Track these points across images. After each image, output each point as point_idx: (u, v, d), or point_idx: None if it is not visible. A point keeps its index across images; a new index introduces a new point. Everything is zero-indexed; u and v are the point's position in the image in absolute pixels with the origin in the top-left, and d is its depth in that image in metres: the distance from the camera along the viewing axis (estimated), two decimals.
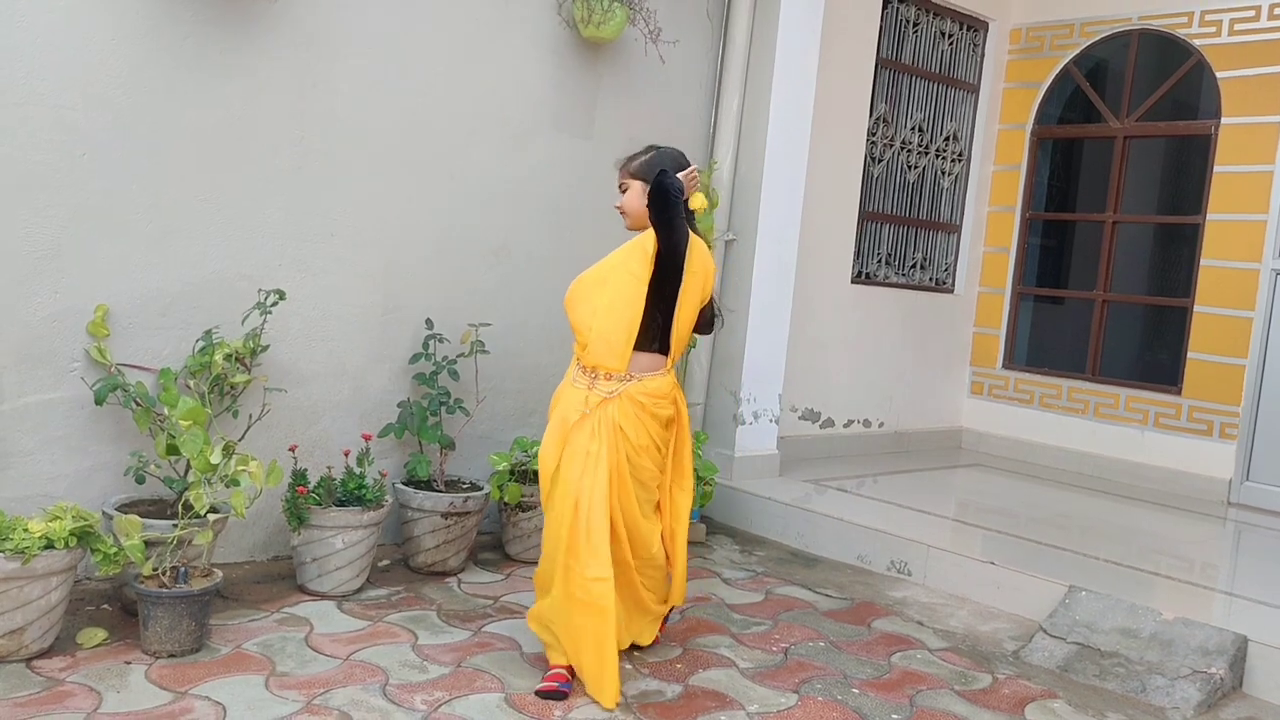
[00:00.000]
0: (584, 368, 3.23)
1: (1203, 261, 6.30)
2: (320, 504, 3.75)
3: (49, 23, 3.40)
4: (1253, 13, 6.12)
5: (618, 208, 3.35)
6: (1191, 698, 3.43)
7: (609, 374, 3.18)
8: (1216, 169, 6.26)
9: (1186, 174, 6.71)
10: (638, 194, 3.26)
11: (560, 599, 3.15)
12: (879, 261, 6.74)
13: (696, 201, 3.27)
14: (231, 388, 3.76)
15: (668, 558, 3.44)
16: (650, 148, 3.36)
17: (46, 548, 2.99)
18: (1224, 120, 6.22)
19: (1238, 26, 6.17)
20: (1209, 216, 6.28)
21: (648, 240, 3.15)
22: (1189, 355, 6.34)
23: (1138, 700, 3.47)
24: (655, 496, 3.36)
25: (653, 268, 3.13)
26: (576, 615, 3.11)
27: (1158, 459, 6.44)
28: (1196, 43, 6.34)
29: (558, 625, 3.18)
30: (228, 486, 3.29)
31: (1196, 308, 6.32)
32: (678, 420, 3.38)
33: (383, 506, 3.87)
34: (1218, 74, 6.25)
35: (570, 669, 3.16)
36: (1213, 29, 6.28)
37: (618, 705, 3.05)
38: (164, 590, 3.13)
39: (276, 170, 3.96)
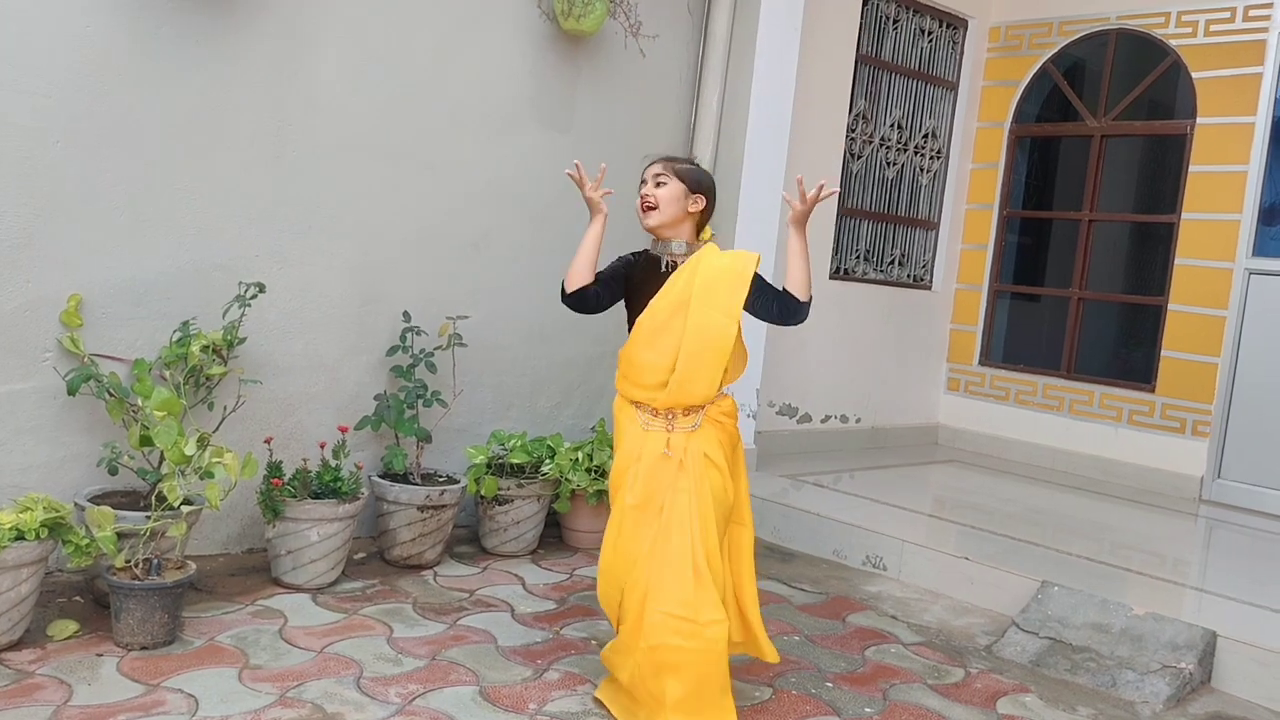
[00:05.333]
0: (655, 410, 2.97)
1: (1177, 260, 6.35)
2: (295, 496, 3.73)
3: (21, 8, 3.36)
4: (1229, 14, 6.17)
5: (648, 198, 3.05)
6: (1161, 692, 3.46)
7: (688, 409, 2.95)
8: (1192, 168, 6.30)
9: (1162, 173, 6.76)
10: (678, 196, 3.04)
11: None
12: (857, 258, 6.76)
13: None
14: (207, 379, 3.73)
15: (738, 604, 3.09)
16: (691, 161, 3.18)
17: (17, 539, 2.97)
18: (1199, 120, 6.27)
19: (1214, 28, 6.22)
20: (1184, 215, 6.33)
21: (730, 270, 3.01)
22: (1163, 353, 6.40)
23: (1108, 694, 3.50)
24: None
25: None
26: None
27: (1131, 456, 6.49)
28: (1173, 43, 6.39)
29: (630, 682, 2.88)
30: (202, 478, 3.27)
31: (1171, 306, 6.37)
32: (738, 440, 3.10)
33: (358, 499, 3.85)
34: (1194, 74, 6.30)
35: None
36: (1189, 29, 6.32)
37: (595, 700, 3.05)
38: (136, 582, 3.11)
39: (254, 160, 3.93)
